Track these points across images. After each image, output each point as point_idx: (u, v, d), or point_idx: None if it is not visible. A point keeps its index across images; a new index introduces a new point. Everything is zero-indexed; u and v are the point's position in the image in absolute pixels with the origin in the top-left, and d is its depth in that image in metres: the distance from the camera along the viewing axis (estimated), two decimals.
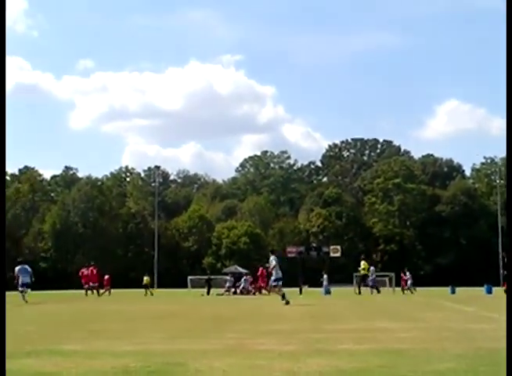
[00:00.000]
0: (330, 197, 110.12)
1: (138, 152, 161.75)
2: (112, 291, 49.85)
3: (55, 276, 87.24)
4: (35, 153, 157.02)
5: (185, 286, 57.48)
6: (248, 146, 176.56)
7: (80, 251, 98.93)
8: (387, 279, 54.24)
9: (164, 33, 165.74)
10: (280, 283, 26.38)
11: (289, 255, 53.53)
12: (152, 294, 49.02)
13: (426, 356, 8.32)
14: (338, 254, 52.14)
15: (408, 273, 52.15)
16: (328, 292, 45.53)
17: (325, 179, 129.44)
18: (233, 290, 48.91)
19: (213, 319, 17.29)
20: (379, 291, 46.55)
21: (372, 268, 48.89)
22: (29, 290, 32.18)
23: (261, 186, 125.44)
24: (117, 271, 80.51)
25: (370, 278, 47.80)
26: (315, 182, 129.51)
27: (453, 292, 46.91)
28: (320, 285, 48.97)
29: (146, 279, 52.71)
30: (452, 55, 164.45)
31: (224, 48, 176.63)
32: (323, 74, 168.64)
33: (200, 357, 8.34)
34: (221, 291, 48.87)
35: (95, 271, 45.70)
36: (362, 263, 47.08)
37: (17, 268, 32.45)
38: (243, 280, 50.54)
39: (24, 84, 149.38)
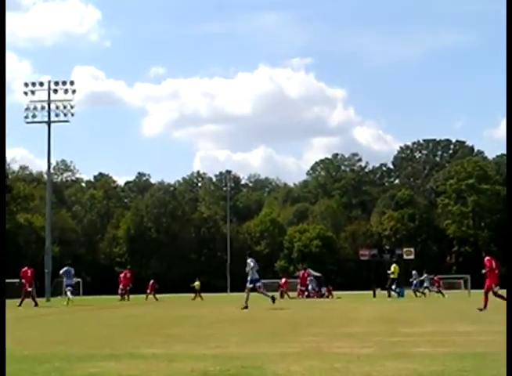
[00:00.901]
0: (403, 199, 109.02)
1: (209, 157, 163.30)
2: (178, 295, 49.39)
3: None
4: (109, 160, 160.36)
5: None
6: (319, 150, 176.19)
7: (154, 256, 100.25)
8: (462, 281, 53.39)
9: (232, 38, 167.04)
10: (259, 283, 27.08)
11: (362, 258, 53.28)
12: (202, 298, 47.86)
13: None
14: (412, 257, 51.57)
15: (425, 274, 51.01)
16: (402, 295, 45.06)
17: (397, 181, 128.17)
18: (306, 293, 48.81)
19: (288, 323, 17.32)
20: (443, 295, 45.74)
21: (414, 272, 47.92)
22: (69, 293, 33.17)
23: (333, 189, 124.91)
24: (190, 275, 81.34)
25: (415, 281, 47.20)
26: (386, 184, 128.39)
27: None
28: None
29: (196, 284, 51.50)
30: None
31: (293, 51, 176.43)
32: (393, 75, 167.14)
33: (277, 360, 8.39)
34: (294, 294, 48.85)
35: (128, 275, 45.28)
36: (393, 266, 44.98)
37: (63, 269, 34.45)
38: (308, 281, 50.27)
39: (98, 93, 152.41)
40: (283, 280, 52.12)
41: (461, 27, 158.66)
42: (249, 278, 26.65)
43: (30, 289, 33.96)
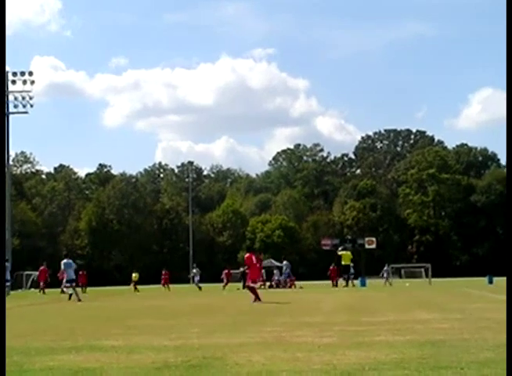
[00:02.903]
0: (364, 189, 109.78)
1: (171, 148, 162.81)
2: (140, 287, 48.94)
3: (91, 273, 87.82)
4: (70, 152, 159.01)
5: (220, 281, 57.60)
6: (281, 140, 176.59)
7: (116, 248, 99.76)
8: (423, 270, 53.94)
9: (194, 29, 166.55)
10: (73, 284, 29.41)
11: (324, 248, 53.64)
12: (138, 291, 46.77)
13: (465, 347, 8.29)
14: (373, 246, 52.16)
15: (386, 267, 51.65)
16: (363, 284, 45.43)
17: (358, 171, 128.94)
18: (269, 283, 48.97)
19: (250, 313, 17.34)
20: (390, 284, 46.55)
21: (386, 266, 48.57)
22: (71, 289, 32.19)
23: (295, 180, 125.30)
24: (152, 267, 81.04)
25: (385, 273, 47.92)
26: (348, 174, 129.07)
27: (491, 282, 46.44)
28: (354, 277, 48.72)
29: (134, 275, 50.85)
30: (486, 42, 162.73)
31: (255, 42, 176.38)
32: (355, 66, 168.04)
33: (238, 351, 8.39)
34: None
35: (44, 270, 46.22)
36: (343, 253, 44.26)
37: (63, 262, 31.63)
38: (275, 272, 50.52)
39: (58, 83, 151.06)
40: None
41: (423, 17, 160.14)
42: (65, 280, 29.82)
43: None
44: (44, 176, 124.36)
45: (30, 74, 56.33)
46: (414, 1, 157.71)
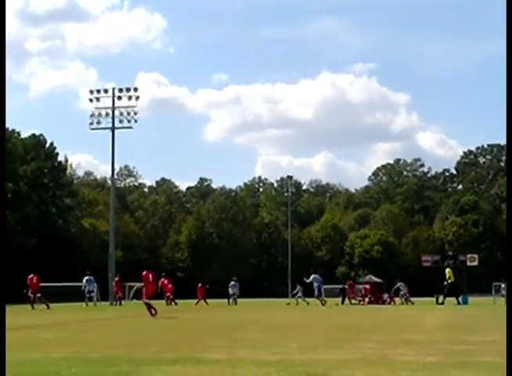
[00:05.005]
0: (467, 205, 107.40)
1: (270, 162, 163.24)
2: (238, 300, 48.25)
3: (192, 285, 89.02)
4: (171, 166, 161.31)
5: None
6: (381, 155, 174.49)
7: (215, 261, 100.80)
8: None
9: (294, 44, 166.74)
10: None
11: (424, 264, 52.65)
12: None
13: None
14: (475, 263, 50.81)
15: (402, 283, 49.88)
16: (465, 302, 44.40)
17: (460, 187, 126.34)
18: (367, 299, 48.59)
19: (350, 329, 17.25)
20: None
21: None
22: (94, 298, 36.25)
23: (394, 195, 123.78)
24: (250, 280, 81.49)
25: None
26: (449, 189, 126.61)
27: None
28: (455, 295, 47.53)
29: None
30: None
31: (355, 56, 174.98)
32: (457, 80, 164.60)
33: (340, 367, 8.36)
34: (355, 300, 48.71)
35: (35, 279, 37.18)
36: (447, 271, 43.64)
37: (85, 278, 39.34)
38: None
39: (161, 99, 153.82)
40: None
41: None
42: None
43: (32, 295, 36.03)
44: (146, 190, 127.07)
45: (135, 90, 57.73)
46: None
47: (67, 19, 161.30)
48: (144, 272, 25.02)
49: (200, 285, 49.26)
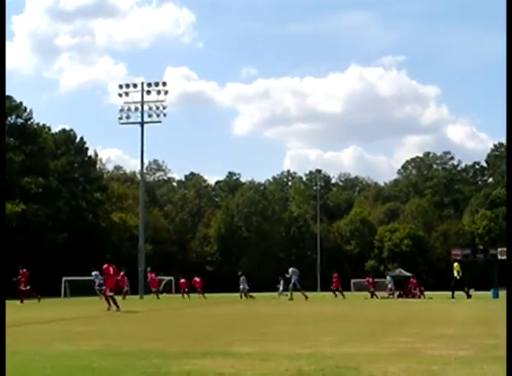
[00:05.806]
0: (498, 198, 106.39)
1: (299, 156, 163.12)
2: (257, 294, 49.18)
3: (221, 279, 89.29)
4: (200, 160, 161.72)
5: (347, 289, 57.40)
6: (410, 148, 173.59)
7: (244, 255, 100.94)
8: None
9: (322, 38, 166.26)
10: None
11: (454, 258, 52.25)
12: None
13: None
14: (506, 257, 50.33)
15: (389, 277, 49.68)
16: (496, 296, 44.04)
17: (490, 180, 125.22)
18: (398, 293, 48.40)
19: (381, 323, 17.18)
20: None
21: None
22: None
23: (424, 188, 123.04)
24: (279, 274, 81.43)
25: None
26: (480, 183, 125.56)
27: None
28: (487, 288, 47.23)
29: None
30: None
31: (385, 49, 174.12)
32: (487, 72, 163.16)
33: (372, 361, 8.32)
34: (385, 293, 48.55)
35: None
36: (455, 265, 42.34)
37: (93, 273, 40.82)
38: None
39: (190, 93, 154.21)
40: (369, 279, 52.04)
41: None
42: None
43: (23, 288, 37.45)
44: (175, 184, 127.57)
45: (164, 84, 57.91)
46: None
47: (97, 15, 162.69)
48: (105, 266, 24.70)
49: (198, 279, 50.44)
